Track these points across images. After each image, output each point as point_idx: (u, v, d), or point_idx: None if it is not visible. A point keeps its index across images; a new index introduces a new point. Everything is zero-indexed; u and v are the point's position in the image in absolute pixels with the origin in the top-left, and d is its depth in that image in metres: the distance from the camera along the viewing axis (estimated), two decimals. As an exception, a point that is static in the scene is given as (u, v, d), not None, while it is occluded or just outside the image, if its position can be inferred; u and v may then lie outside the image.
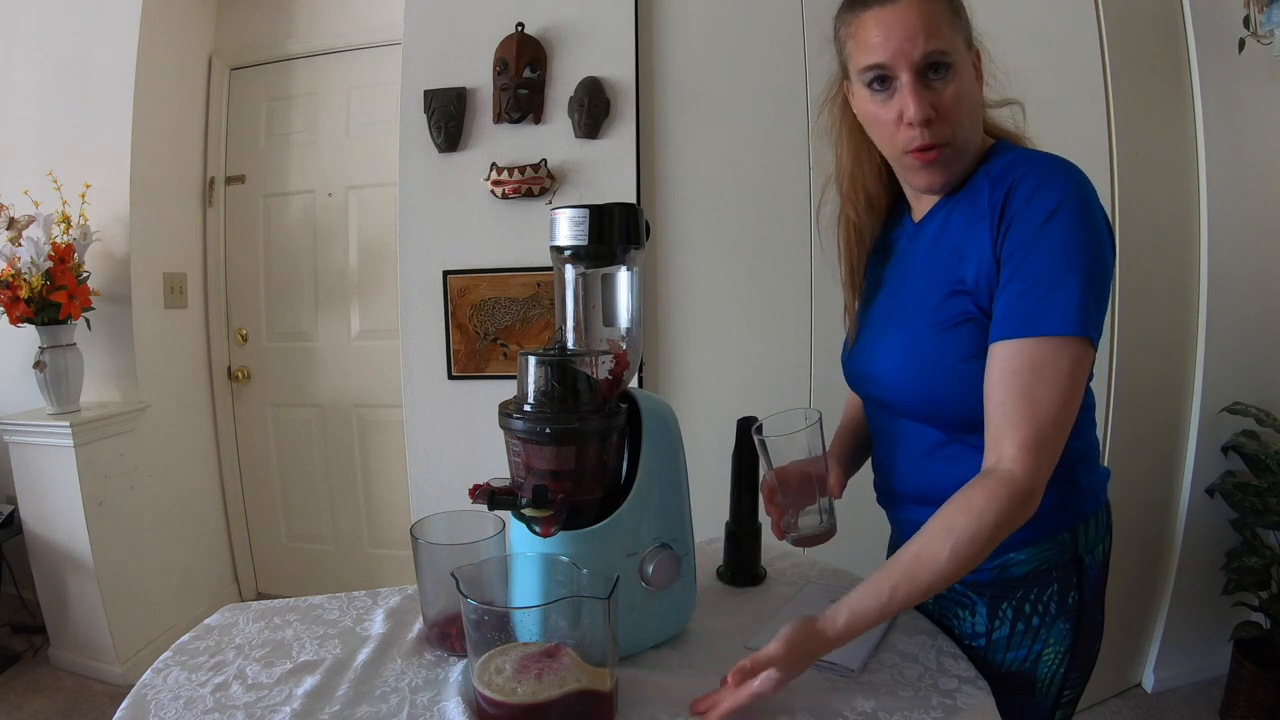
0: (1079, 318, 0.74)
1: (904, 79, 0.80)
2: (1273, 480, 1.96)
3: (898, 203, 0.98)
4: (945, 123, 0.81)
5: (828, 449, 0.99)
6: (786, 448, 0.96)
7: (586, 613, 0.72)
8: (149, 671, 0.84)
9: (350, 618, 0.97)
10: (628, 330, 0.88)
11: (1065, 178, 0.78)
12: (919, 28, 0.78)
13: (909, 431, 0.91)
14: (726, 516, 1.07)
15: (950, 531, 0.74)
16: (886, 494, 1.00)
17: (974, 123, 0.84)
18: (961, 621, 0.91)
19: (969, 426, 0.82)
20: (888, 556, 1.12)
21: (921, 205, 0.93)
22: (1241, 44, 2.01)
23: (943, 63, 0.79)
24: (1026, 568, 0.86)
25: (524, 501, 0.78)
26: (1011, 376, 0.75)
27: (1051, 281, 0.75)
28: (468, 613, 0.72)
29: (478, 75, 2.04)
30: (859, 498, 1.04)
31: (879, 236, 0.99)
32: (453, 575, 0.72)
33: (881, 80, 0.82)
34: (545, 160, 2.02)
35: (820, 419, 0.96)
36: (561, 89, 2.02)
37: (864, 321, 0.98)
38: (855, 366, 0.99)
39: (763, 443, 0.96)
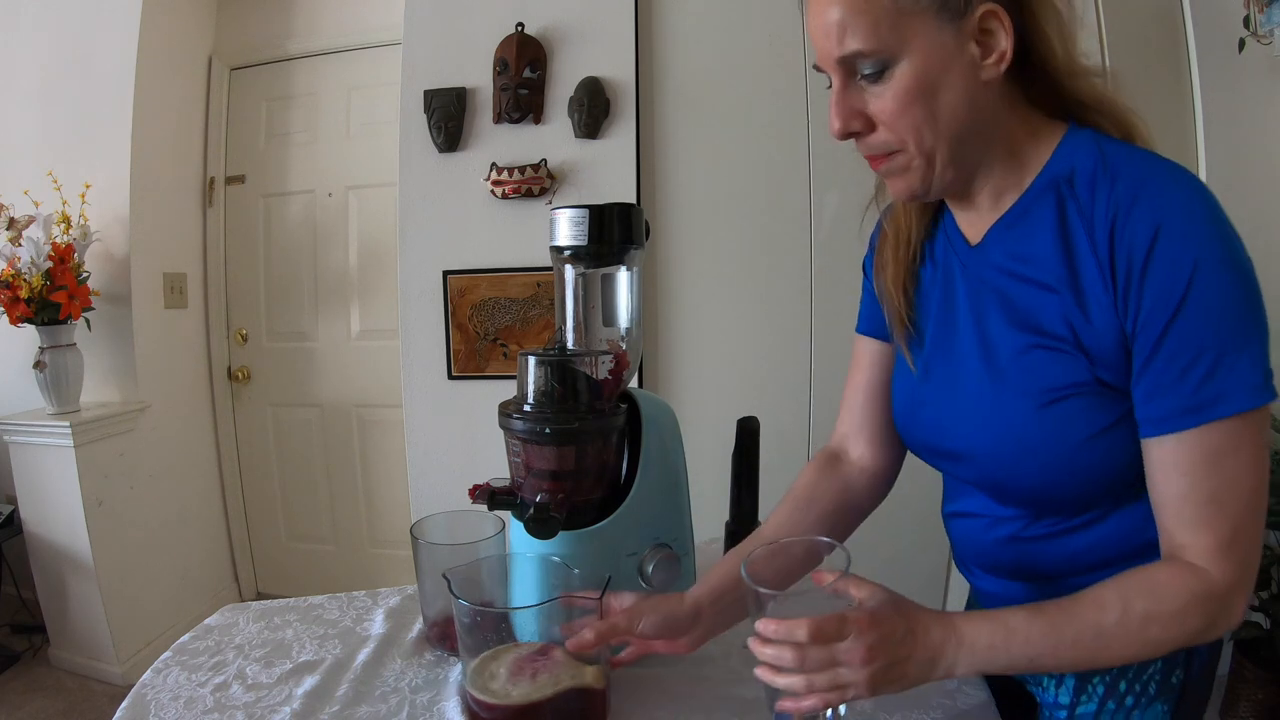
0: (1258, 386, 0.60)
1: (834, 82, 0.65)
2: (1273, 480, 1.95)
3: (941, 210, 0.78)
4: (888, 132, 0.64)
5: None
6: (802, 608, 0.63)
7: (579, 613, 0.72)
8: (149, 671, 0.84)
9: (350, 618, 0.97)
10: (627, 330, 0.88)
11: (1192, 210, 0.64)
12: (835, 21, 0.61)
13: (1000, 510, 0.76)
14: (726, 516, 1.07)
15: (1145, 619, 0.60)
16: (964, 563, 0.85)
17: (954, 124, 0.63)
18: (1045, 690, 0.79)
19: (1084, 506, 0.70)
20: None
21: (971, 223, 0.73)
22: (1241, 44, 2.01)
23: (873, 64, 0.61)
24: None
25: (528, 517, 0.78)
26: (1185, 480, 0.61)
27: (1215, 355, 0.60)
28: (460, 615, 0.71)
29: (478, 75, 2.04)
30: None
31: (921, 244, 0.80)
32: (444, 576, 0.72)
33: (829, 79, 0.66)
34: (545, 160, 2.02)
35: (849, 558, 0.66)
36: (561, 89, 2.02)
37: (922, 369, 0.78)
38: (927, 441, 0.78)
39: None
